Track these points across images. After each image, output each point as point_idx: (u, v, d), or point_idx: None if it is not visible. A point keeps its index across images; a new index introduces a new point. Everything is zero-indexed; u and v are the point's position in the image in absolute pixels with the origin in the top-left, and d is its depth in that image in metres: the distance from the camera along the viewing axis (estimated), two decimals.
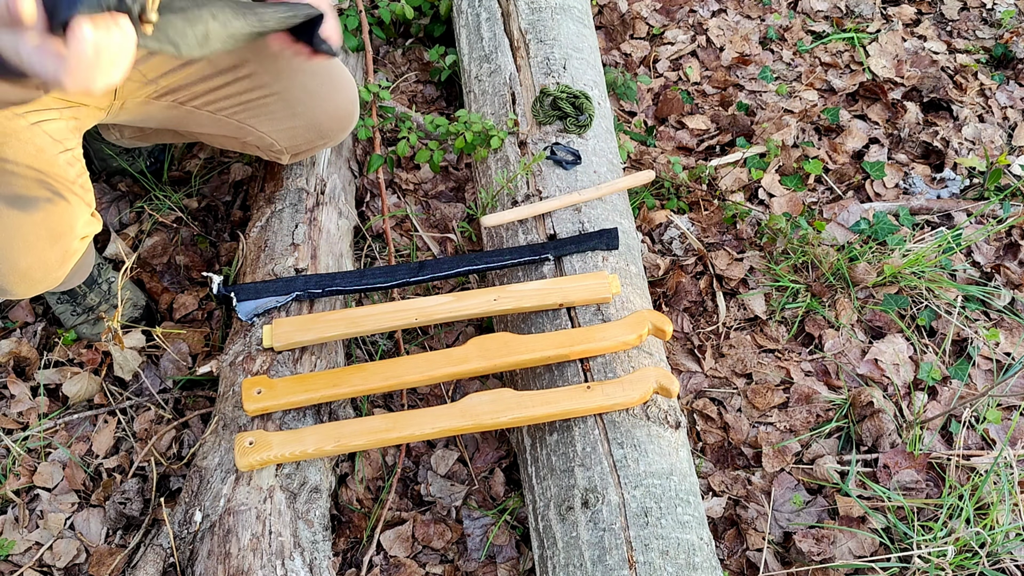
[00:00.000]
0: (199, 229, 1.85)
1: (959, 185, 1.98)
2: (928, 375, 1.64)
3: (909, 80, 2.18)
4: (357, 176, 1.94)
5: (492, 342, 1.38)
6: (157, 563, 1.29)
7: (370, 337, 1.69)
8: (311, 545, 1.31)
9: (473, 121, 1.73)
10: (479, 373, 1.39)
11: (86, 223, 1.33)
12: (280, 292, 1.49)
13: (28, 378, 1.63)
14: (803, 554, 1.40)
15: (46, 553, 1.43)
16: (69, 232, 1.29)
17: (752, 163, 2.00)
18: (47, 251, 1.27)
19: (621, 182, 1.61)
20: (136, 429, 1.57)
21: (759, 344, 1.71)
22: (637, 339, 1.37)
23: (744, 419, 1.60)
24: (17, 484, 1.50)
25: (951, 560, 1.34)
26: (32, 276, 1.27)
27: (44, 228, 1.25)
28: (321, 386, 1.36)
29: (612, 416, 1.31)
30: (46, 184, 1.25)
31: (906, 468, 1.49)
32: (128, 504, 1.45)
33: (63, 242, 1.29)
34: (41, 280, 1.30)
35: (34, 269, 1.26)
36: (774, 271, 1.80)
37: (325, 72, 1.53)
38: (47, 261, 1.28)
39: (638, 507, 1.22)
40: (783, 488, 1.50)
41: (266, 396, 1.34)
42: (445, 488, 1.51)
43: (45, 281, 1.31)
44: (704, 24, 2.37)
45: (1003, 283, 1.78)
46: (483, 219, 1.58)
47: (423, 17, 2.23)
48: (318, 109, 1.52)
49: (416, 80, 2.19)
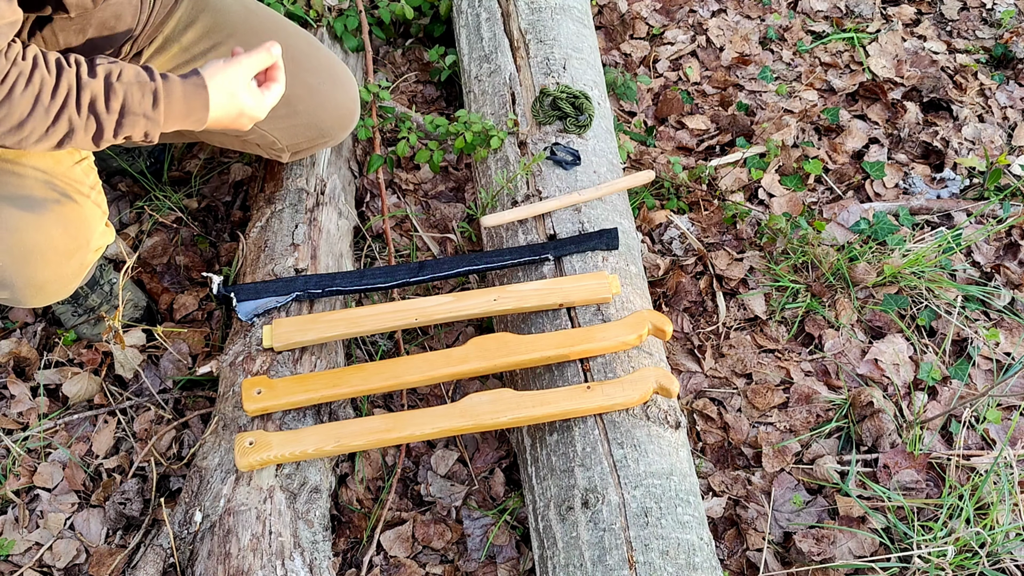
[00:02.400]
0: (199, 229, 1.85)
1: (959, 185, 1.98)
2: (928, 375, 1.64)
3: (909, 80, 2.18)
4: (357, 176, 1.94)
5: (491, 342, 1.38)
6: (157, 563, 1.29)
7: (370, 337, 1.69)
8: (311, 545, 1.31)
9: (473, 121, 1.73)
10: (479, 373, 1.40)
11: (101, 234, 1.34)
12: (280, 292, 1.49)
13: (28, 378, 1.63)
14: (803, 554, 1.40)
15: (46, 553, 1.43)
16: (85, 244, 1.30)
17: (752, 163, 2.00)
18: (64, 264, 1.28)
19: (621, 182, 1.61)
20: (136, 429, 1.57)
21: (759, 344, 1.71)
22: (637, 339, 1.37)
23: (744, 419, 1.60)
24: (17, 484, 1.50)
25: (951, 560, 1.34)
26: (48, 289, 1.29)
27: (62, 240, 1.26)
28: (321, 386, 1.36)
29: (612, 416, 1.31)
30: (63, 191, 1.26)
31: (906, 468, 1.49)
32: (128, 504, 1.45)
33: (79, 255, 1.30)
34: (56, 293, 1.32)
35: (51, 283, 1.28)
36: (774, 271, 1.80)
37: (326, 70, 1.53)
38: (64, 274, 1.30)
39: (638, 507, 1.22)
40: (783, 488, 1.50)
41: (266, 396, 1.35)
42: (445, 488, 1.51)
43: (60, 293, 1.33)
44: (704, 24, 2.37)
45: (1003, 283, 1.78)
46: (483, 219, 1.58)
47: (423, 17, 2.23)
48: (319, 106, 1.53)
49: (416, 80, 2.19)
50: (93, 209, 1.31)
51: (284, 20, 1.56)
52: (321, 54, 1.55)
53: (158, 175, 1.90)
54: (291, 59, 1.40)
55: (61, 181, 1.26)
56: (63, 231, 1.26)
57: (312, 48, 1.54)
